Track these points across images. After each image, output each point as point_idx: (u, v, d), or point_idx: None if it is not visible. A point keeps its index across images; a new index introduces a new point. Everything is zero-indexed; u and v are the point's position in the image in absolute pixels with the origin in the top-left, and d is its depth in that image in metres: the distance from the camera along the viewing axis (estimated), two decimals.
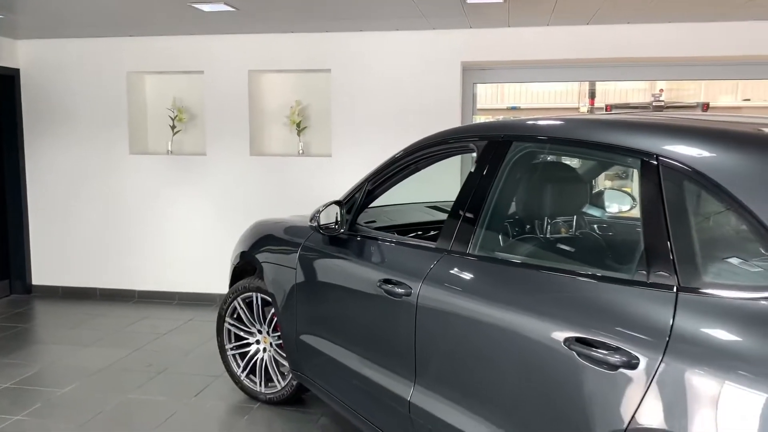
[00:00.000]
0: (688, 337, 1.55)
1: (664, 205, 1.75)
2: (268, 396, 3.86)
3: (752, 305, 1.50)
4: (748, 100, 10.88)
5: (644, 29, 5.19)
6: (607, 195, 2.57)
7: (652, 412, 1.56)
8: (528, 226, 2.51)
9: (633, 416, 1.60)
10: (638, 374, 1.61)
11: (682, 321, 1.58)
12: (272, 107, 6.16)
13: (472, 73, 5.87)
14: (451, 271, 2.35)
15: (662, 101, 12.12)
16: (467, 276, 2.29)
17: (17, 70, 6.25)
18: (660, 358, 1.57)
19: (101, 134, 6.17)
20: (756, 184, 1.60)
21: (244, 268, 4.02)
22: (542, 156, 2.49)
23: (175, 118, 6.20)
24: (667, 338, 1.58)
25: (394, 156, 2.96)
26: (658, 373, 1.57)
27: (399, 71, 5.63)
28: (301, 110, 6.04)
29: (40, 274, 6.48)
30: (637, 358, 1.62)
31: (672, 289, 1.65)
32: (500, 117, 18.01)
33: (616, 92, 12.21)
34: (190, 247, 6.13)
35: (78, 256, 6.35)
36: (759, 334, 1.46)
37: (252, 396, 3.92)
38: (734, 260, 1.70)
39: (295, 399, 3.85)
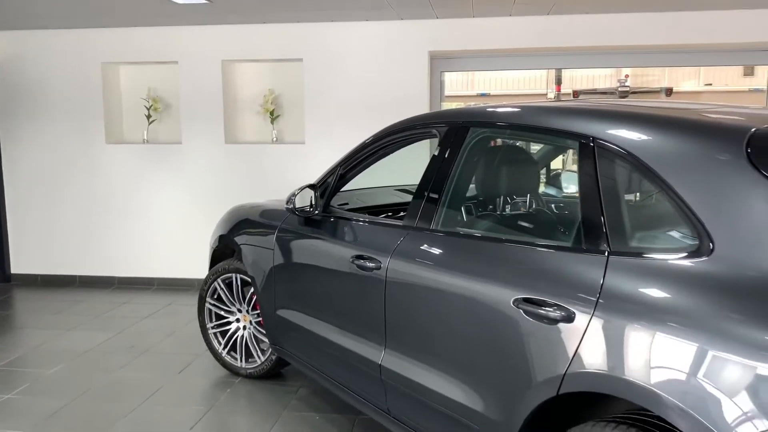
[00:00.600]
0: (615, 293, 1.81)
1: (598, 182, 2.01)
2: (248, 371, 4.08)
3: (669, 265, 1.76)
4: (710, 84, 11.31)
5: (601, 19, 5.47)
6: (553, 175, 2.82)
7: (586, 357, 1.82)
8: (484, 204, 2.75)
9: (570, 362, 1.86)
10: (574, 326, 1.87)
11: (611, 280, 1.84)
12: (246, 96, 6.32)
13: (440, 62, 6.10)
14: (416, 246, 2.59)
15: (628, 86, 12.54)
16: (430, 249, 2.53)
17: None
18: (592, 311, 1.83)
19: (77, 124, 6.28)
20: (675, 162, 1.86)
21: (223, 251, 4.21)
22: (496, 140, 2.74)
23: (150, 107, 6.33)
24: (598, 294, 1.84)
25: (364, 142, 3.19)
26: (590, 324, 1.83)
27: (369, 60, 5.83)
28: (274, 99, 6.22)
29: (19, 263, 6.58)
30: (574, 313, 1.88)
31: (604, 254, 1.91)
32: (472, 104, 18.25)
33: (583, 78, 12.51)
34: (167, 234, 6.28)
35: (57, 245, 6.47)
36: (673, 288, 1.72)
37: (233, 371, 4.13)
38: (655, 228, 1.96)
39: (275, 373, 4.08)
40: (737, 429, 1.47)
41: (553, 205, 2.82)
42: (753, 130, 1.79)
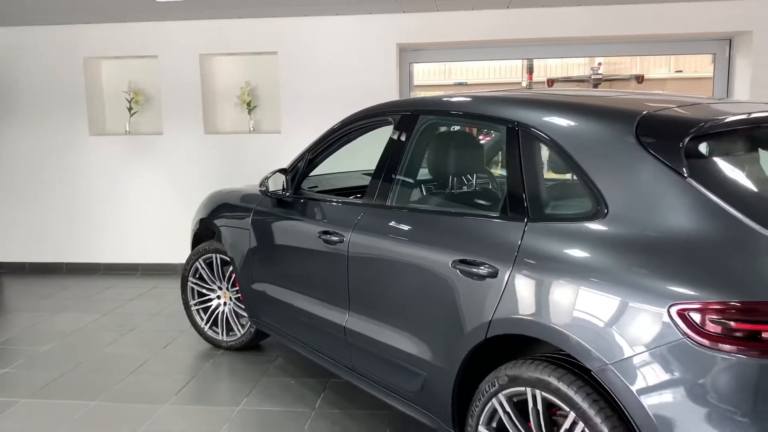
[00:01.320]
0: (530, 251, 2.17)
1: (521, 161, 2.36)
2: (229, 343, 4.40)
3: (572, 227, 2.12)
4: (680, 71, 11.74)
5: (557, 12, 5.82)
6: (487, 156, 3.16)
7: (507, 305, 2.18)
8: (430, 182, 3.09)
9: (495, 310, 2.21)
10: (498, 280, 2.22)
11: (527, 241, 2.20)
12: (223, 88, 6.61)
13: (408, 54, 6.43)
14: (374, 221, 2.93)
15: (600, 74, 12.97)
16: (386, 223, 2.87)
17: None
18: (511, 267, 2.19)
19: (61, 117, 6.53)
20: (581, 141, 2.21)
21: (204, 233, 4.52)
22: (441, 126, 3.08)
23: (131, 100, 6.60)
24: (516, 253, 2.20)
25: (329, 129, 3.52)
26: (509, 277, 2.19)
27: (341, 52, 6.14)
28: (251, 90, 6.51)
29: (7, 251, 6.84)
30: (497, 269, 2.23)
31: (523, 221, 2.27)
32: (450, 92, 18.69)
33: (558, 67, 12.88)
34: (150, 221, 6.57)
35: (43, 233, 6.73)
36: (574, 245, 2.08)
37: (215, 344, 4.46)
38: (564, 198, 2.32)
39: (254, 345, 4.41)
40: (623, 355, 1.83)
41: (486, 182, 3.16)
42: (643, 113, 2.15)
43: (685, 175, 1.95)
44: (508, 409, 2.22)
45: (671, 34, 5.92)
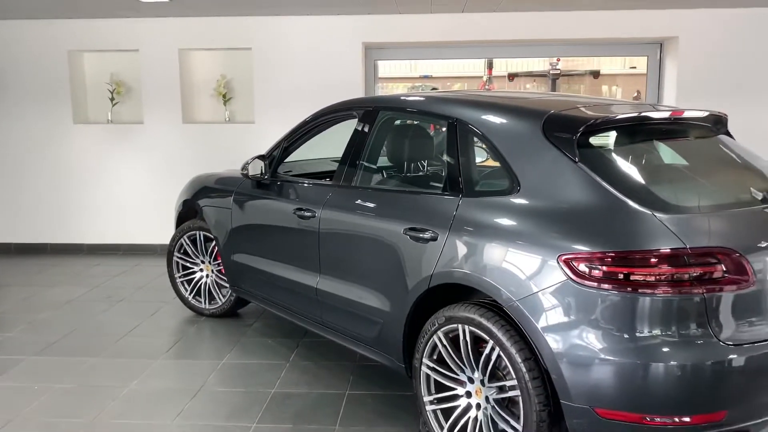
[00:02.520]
0: (461, 219, 2.79)
1: (457, 149, 2.97)
2: (211, 311, 4.95)
3: (492, 200, 2.74)
4: (635, 67, 12.54)
5: (506, 16, 6.45)
6: (433, 145, 3.76)
7: (443, 261, 2.79)
8: (388, 166, 3.69)
9: (435, 265, 2.82)
10: (438, 242, 2.84)
11: (460, 211, 2.81)
12: (201, 81, 7.10)
13: (373, 52, 7.00)
14: (341, 199, 3.51)
15: (559, 69, 13.79)
16: (351, 200, 3.46)
17: None
18: (447, 232, 2.81)
19: (47, 106, 6.94)
20: (502, 134, 2.83)
21: (187, 213, 5.05)
22: (397, 120, 3.67)
23: (113, 91, 7.04)
24: (452, 221, 2.81)
25: (302, 121, 4.08)
26: (447, 239, 2.80)
27: (310, 49, 6.68)
28: (226, 83, 7.01)
29: None
30: (438, 234, 2.85)
31: (458, 196, 2.88)
32: (417, 85, 19.56)
33: (519, 62, 13.59)
34: (131, 204, 7.04)
35: (29, 215, 7.15)
36: (493, 213, 2.70)
37: (198, 312, 5.00)
38: (489, 178, 2.94)
39: (233, 313, 4.96)
40: (525, 294, 2.46)
41: (430, 166, 3.76)
42: (549, 113, 2.78)
43: (576, 160, 2.58)
44: (445, 343, 2.83)
45: (610, 38, 6.60)
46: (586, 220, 2.47)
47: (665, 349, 2.26)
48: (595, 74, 14.94)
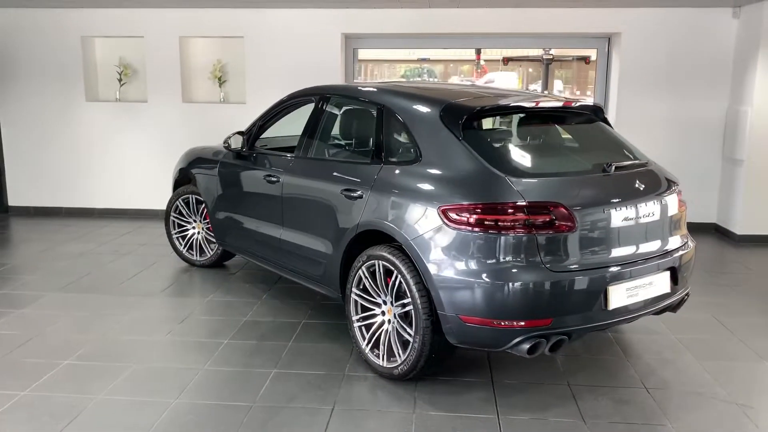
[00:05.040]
0: (380, 181, 3.69)
1: (382, 129, 3.87)
2: (201, 262, 5.90)
3: (403, 167, 3.64)
4: None
5: (468, 12, 7.28)
6: (367, 125, 4.63)
7: (367, 213, 3.70)
8: (334, 140, 4.57)
9: (361, 216, 3.73)
10: (363, 200, 3.74)
11: (380, 175, 3.72)
12: (199, 65, 7.98)
13: (353, 41, 7.86)
14: (298, 166, 4.43)
15: (552, 55, 14.72)
16: (305, 168, 4.37)
17: None
18: (369, 191, 3.71)
19: (62, 86, 7.86)
20: (413, 118, 3.72)
21: (182, 179, 5.97)
22: (342, 105, 4.54)
23: (121, 73, 7.95)
24: (373, 182, 3.72)
25: (275, 103, 4.98)
26: (369, 197, 3.71)
27: (296, 38, 7.54)
28: (222, 67, 7.90)
29: (15, 197, 8.21)
30: (363, 193, 3.76)
31: (380, 164, 3.79)
32: (414, 66, 20.61)
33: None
34: (136, 173, 7.97)
35: (46, 182, 8.10)
36: (400, 177, 3.60)
37: (190, 263, 5.95)
38: (402, 151, 3.82)
39: (220, 264, 5.90)
40: (416, 235, 3.36)
41: (363, 141, 4.58)
42: (447, 102, 3.66)
43: (460, 138, 3.47)
44: (367, 275, 3.75)
45: (563, 33, 7.43)
46: (460, 181, 3.38)
47: (507, 273, 3.17)
48: (586, 59, 15.91)
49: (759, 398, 3.54)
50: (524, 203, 3.19)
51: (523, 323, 3.18)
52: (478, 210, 3.21)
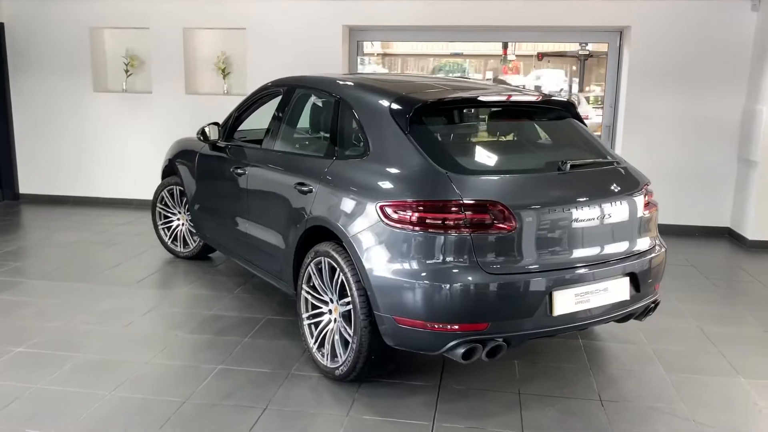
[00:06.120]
0: (328, 177, 3.57)
1: (338, 121, 3.75)
2: (184, 254, 5.88)
3: (353, 161, 3.52)
4: None
5: (474, 4, 7.07)
6: (322, 118, 4.49)
7: (315, 209, 3.58)
8: (297, 133, 4.47)
9: (310, 211, 3.62)
10: (312, 194, 3.63)
11: (329, 170, 3.60)
12: (203, 57, 7.99)
13: (357, 33, 7.74)
14: (261, 159, 4.34)
15: (588, 50, 14.33)
16: (267, 160, 4.28)
17: (2, 24, 7.97)
18: (318, 186, 3.60)
19: (71, 76, 7.97)
20: (364, 110, 3.59)
21: (170, 170, 5.96)
22: (305, 97, 4.43)
23: (128, 64, 8.01)
24: (322, 176, 3.60)
25: (250, 94, 4.91)
26: (319, 189, 3.59)
27: (297, 30, 7.46)
28: (226, 59, 7.89)
29: (26, 185, 8.37)
30: (312, 187, 3.64)
31: (332, 159, 3.67)
32: (444, 61, 20.47)
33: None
34: (141, 163, 8.03)
35: (55, 171, 8.24)
36: (350, 172, 3.47)
37: (175, 254, 5.94)
38: (354, 145, 3.69)
39: (204, 256, 5.88)
40: (356, 231, 3.23)
41: (322, 134, 4.46)
42: (398, 95, 3.51)
43: (406, 132, 3.33)
44: (314, 272, 3.64)
45: (573, 26, 7.16)
46: (400, 177, 3.24)
47: (441, 274, 3.01)
48: None
49: (720, 416, 3.29)
50: (461, 202, 3.03)
51: (456, 327, 3.03)
52: (413, 207, 3.07)
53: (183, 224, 5.87)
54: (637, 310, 3.54)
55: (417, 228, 3.05)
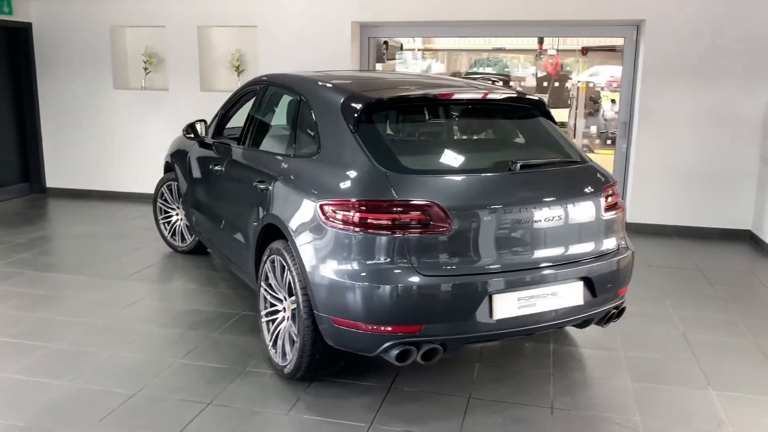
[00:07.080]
0: (282, 175, 3.56)
1: (297, 118, 3.74)
2: (182, 248, 5.99)
3: (304, 159, 3.50)
4: None
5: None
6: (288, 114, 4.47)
7: (270, 206, 3.59)
8: (265, 131, 4.45)
9: (267, 208, 3.63)
10: (269, 192, 3.63)
11: (283, 166, 3.60)
12: (218, 54, 8.11)
13: (368, 29, 7.71)
14: (235, 156, 4.38)
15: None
16: (240, 157, 4.31)
17: (30, 24, 8.30)
18: (274, 184, 3.60)
19: (92, 73, 8.23)
20: (319, 108, 3.57)
21: (171, 167, 6.08)
22: (275, 95, 4.43)
23: (146, 61, 8.21)
24: (277, 174, 3.60)
25: (232, 93, 4.95)
26: (274, 187, 3.59)
27: (308, 27, 7.49)
28: (240, 56, 7.99)
29: (52, 179, 8.70)
30: (270, 185, 3.65)
31: (291, 156, 3.67)
32: (485, 55, 20.31)
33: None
34: (158, 159, 8.19)
35: (79, 166, 8.53)
36: (300, 169, 3.46)
37: (174, 248, 6.06)
38: (309, 142, 3.67)
39: (201, 250, 5.97)
40: (299, 229, 3.23)
41: (280, 131, 4.43)
42: (349, 93, 3.48)
43: (353, 131, 3.29)
44: (270, 269, 3.65)
45: (589, 20, 6.93)
46: (342, 176, 3.20)
47: (374, 274, 2.97)
48: None
49: (673, 428, 3.14)
50: (396, 201, 2.97)
51: (390, 329, 2.98)
52: (349, 207, 3.03)
53: (181, 219, 5.98)
54: (595, 316, 3.40)
55: (353, 228, 3.01)
